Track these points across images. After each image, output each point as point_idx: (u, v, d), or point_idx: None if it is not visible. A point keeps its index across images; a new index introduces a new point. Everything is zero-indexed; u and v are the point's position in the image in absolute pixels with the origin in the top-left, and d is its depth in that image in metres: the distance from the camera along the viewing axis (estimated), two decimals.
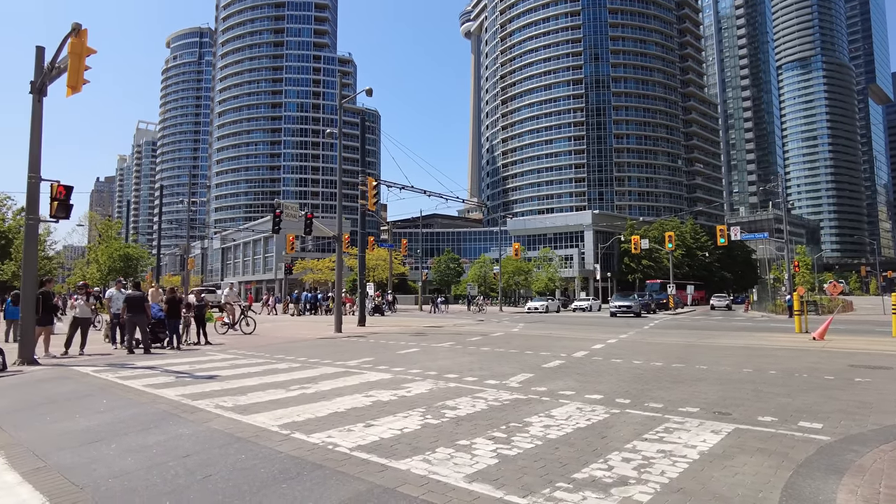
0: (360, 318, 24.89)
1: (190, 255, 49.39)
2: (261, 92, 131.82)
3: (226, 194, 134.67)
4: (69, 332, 14.00)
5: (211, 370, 10.66)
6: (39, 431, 6.30)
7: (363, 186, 24.73)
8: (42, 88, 12.76)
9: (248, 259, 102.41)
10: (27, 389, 9.15)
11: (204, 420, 6.46)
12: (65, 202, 12.86)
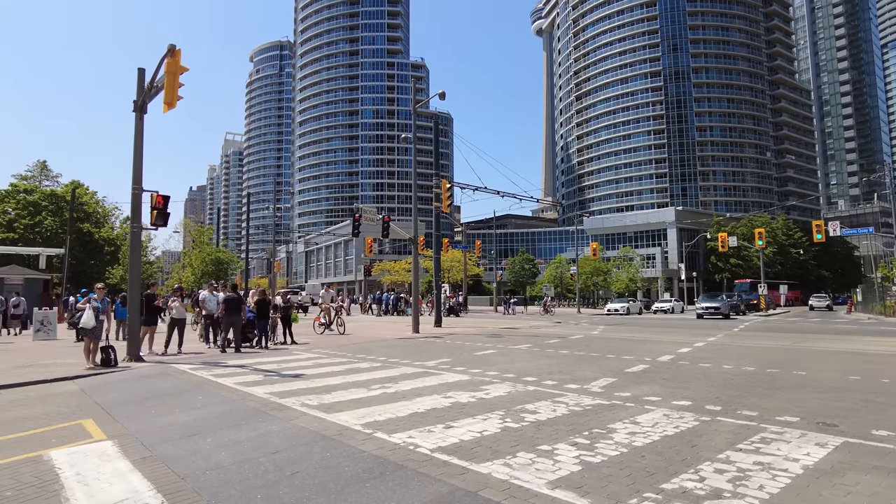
0: (437, 318, 25.14)
1: (276, 258, 51.88)
2: (338, 100, 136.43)
3: (308, 200, 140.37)
4: (168, 332, 15.03)
5: (296, 369, 11.10)
6: (146, 423, 6.80)
7: (437, 189, 25.00)
8: (143, 106, 13.80)
9: (330, 261, 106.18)
10: (134, 384, 9.91)
11: (291, 418, 6.72)
12: (163, 211, 13.85)
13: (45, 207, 50.96)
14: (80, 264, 48.12)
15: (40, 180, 56.15)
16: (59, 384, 10.16)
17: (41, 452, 5.59)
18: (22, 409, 8.04)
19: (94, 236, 52.08)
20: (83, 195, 52.91)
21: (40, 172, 57.02)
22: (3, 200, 51.30)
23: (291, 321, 17.90)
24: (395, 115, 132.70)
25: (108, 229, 55.23)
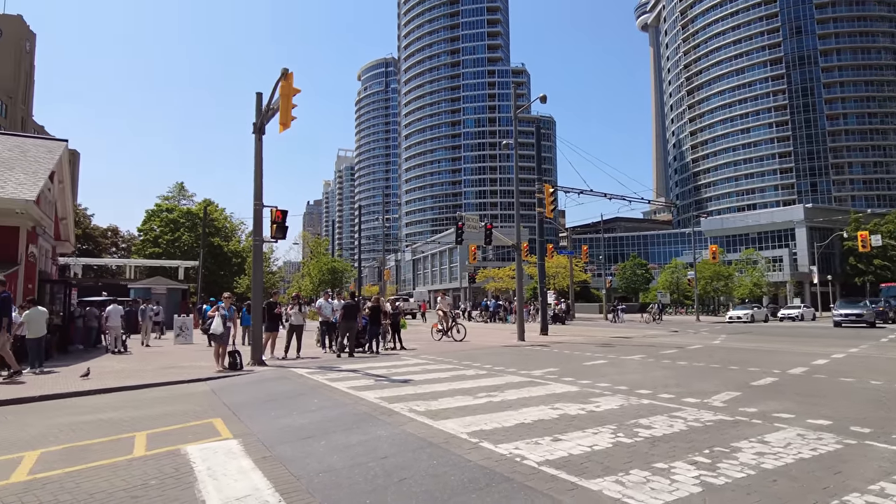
0: (543, 326, 24.70)
1: (385, 266, 53.83)
2: (441, 112, 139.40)
3: (414, 210, 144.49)
4: (287, 338, 16.02)
5: (405, 374, 11.36)
6: (266, 424, 7.25)
7: (540, 194, 24.62)
8: (262, 128, 14.88)
9: (436, 269, 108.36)
10: (257, 387, 10.64)
11: (399, 423, 6.86)
12: (282, 224, 14.83)
13: (183, 224, 56.67)
14: (212, 275, 52.85)
15: (179, 200, 62.51)
16: (194, 385, 11.16)
17: (179, 447, 6.13)
18: (165, 406, 8.91)
19: (223, 249, 57.04)
20: (214, 212, 58.15)
21: (179, 193, 63.50)
22: (150, 219, 57.81)
23: (400, 327, 18.41)
24: (496, 122, 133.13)
25: (236, 242, 60.20)
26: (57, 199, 21.72)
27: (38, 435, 7.05)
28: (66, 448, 6.28)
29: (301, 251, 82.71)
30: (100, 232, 64.04)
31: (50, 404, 9.32)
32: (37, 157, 18.57)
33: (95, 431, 7.17)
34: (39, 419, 8.07)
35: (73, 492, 4.76)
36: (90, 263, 51.67)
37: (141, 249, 57.07)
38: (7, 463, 5.72)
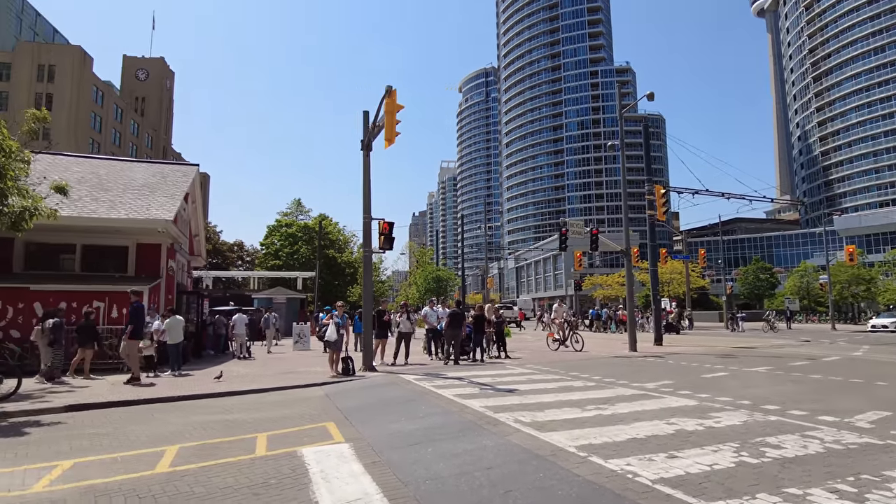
0: (657, 336, 23.46)
1: (489, 275, 53.98)
2: (542, 117, 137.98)
3: (516, 217, 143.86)
4: (396, 345, 16.49)
5: (510, 384, 11.25)
6: (376, 429, 7.48)
7: (650, 196, 23.50)
8: (369, 144, 15.52)
9: (540, 276, 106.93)
10: (368, 392, 11.03)
11: (505, 433, 6.78)
12: (389, 236, 15.34)
13: (301, 238, 60.47)
14: (327, 285, 55.80)
15: (296, 215, 66.80)
16: (310, 389, 11.79)
17: (296, 448, 6.48)
18: (283, 409, 9.49)
19: (337, 260, 60.10)
20: (328, 226, 61.48)
21: (296, 209, 67.87)
22: (271, 234, 62.31)
23: (504, 336, 18.31)
24: (600, 123, 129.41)
25: (348, 254, 63.20)
26: (190, 217, 24.02)
27: (177, 432, 7.77)
28: (200, 445, 6.86)
29: (408, 261, 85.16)
30: (227, 247, 69.98)
31: (186, 404, 10.26)
32: (174, 180, 20.69)
33: (223, 431, 7.79)
34: (178, 417, 8.90)
35: (206, 485, 5.18)
36: (219, 276, 56.55)
37: (263, 262, 61.62)
38: (153, 455, 6.36)
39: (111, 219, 16.42)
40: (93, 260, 17.41)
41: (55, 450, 6.86)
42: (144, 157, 73.27)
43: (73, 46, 68.41)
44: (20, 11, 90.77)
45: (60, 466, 5.98)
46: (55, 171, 18.18)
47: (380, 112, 14.54)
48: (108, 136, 70.23)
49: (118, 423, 8.54)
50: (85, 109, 65.39)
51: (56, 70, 63.95)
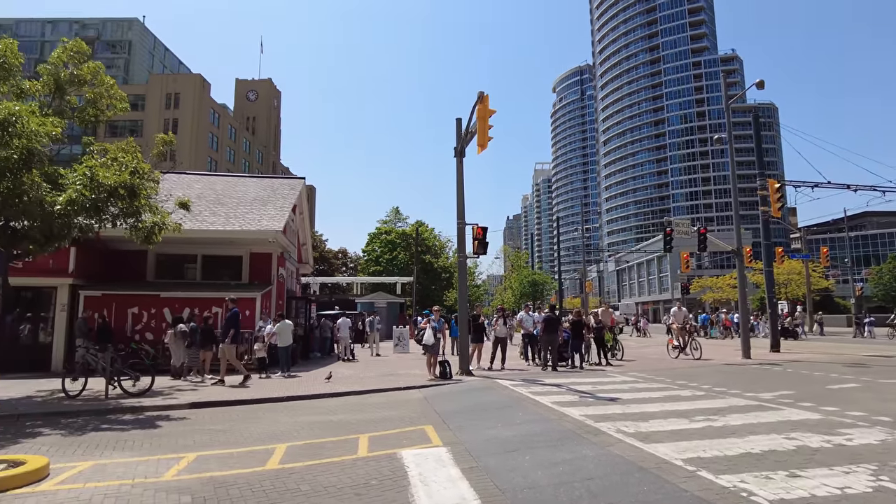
0: (773, 342, 21.65)
1: (587, 278, 52.57)
2: (641, 113, 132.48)
3: (616, 218, 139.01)
4: (492, 349, 16.46)
5: (611, 392, 10.85)
6: (473, 434, 7.48)
7: (763, 191, 21.79)
8: (462, 151, 15.67)
9: (643, 279, 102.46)
10: (465, 396, 11.08)
11: (606, 443, 6.54)
12: (482, 240, 15.37)
13: (399, 244, 62.28)
14: (425, 289, 56.94)
15: (395, 222, 68.89)
16: (409, 392, 12.05)
17: (396, 450, 6.64)
18: (384, 411, 9.77)
19: (433, 265, 61.24)
20: (424, 232, 62.83)
21: (395, 216, 70.01)
22: (372, 241, 64.73)
23: (605, 342, 17.72)
24: (705, 116, 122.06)
25: (444, 259, 64.20)
26: (298, 227, 25.47)
27: (286, 431, 8.23)
28: (306, 444, 7.22)
29: (502, 265, 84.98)
30: (332, 254, 73.51)
31: (294, 404, 10.85)
32: (282, 193, 22.05)
33: (328, 431, 8.14)
34: (287, 416, 9.43)
35: (311, 483, 5.44)
36: (325, 281, 59.49)
37: (365, 268, 64.09)
38: (264, 452, 6.78)
39: (227, 231, 17.80)
40: (212, 269, 18.97)
41: (181, 443, 7.51)
42: (256, 172, 78.94)
43: (195, 75, 75.13)
44: (152, 48, 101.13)
45: (186, 458, 6.53)
46: (179, 188, 20.01)
47: (472, 118, 14.64)
48: (223, 154, 76.35)
49: (234, 420, 9.20)
50: (204, 131, 71.52)
51: (181, 97, 70.53)
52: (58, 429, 8.52)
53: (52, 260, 15.40)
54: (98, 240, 14.92)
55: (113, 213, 10.98)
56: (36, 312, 16.55)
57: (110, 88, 12.29)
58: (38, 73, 12.01)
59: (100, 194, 10.23)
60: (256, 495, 5.11)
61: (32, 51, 79.59)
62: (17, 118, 9.37)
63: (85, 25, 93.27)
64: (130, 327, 16.38)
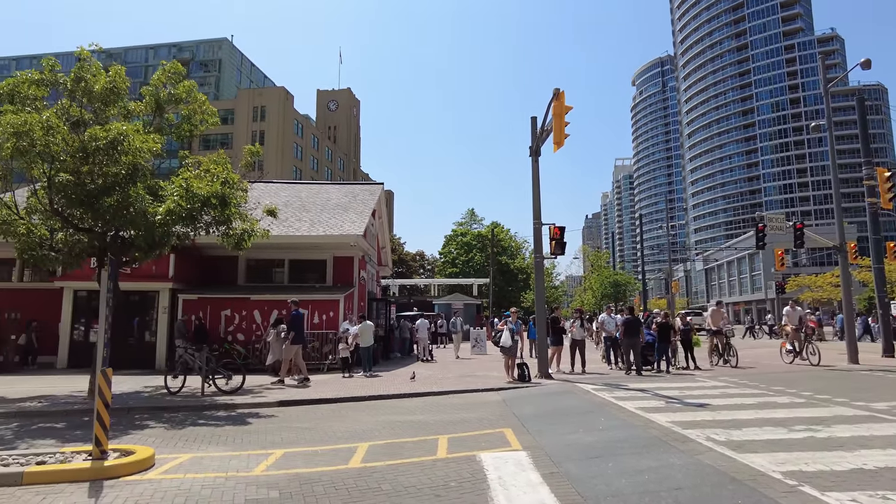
0: (885, 346, 19.75)
1: (673, 278, 50.29)
2: (728, 102, 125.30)
3: (703, 214, 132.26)
4: (570, 353, 16.09)
5: (700, 397, 10.31)
6: (553, 439, 7.34)
7: (870, 180, 19.99)
8: (537, 150, 15.46)
9: (734, 278, 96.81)
10: (544, 400, 10.90)
11: (695, 452, 6.20)
12: (560, 241, 15.09)
13: (475, 246, 62.42)
14: (501, 291, 56.68)
15: (470, 224, 69.12)
16: (487, 394, 12.01)
17: (475, 453, 6.62)
18: (462, 412, 9.79)
19: (510, 266, 60.84)
20: (500, 233, 62.57)
21: (470, 218, 70.26)
22: (448, 243, 65.30)
23: (693, 345, 16.88)
24: (799, 102, 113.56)
25: (520, 260, 63.64)
26: (378, 231, 26.12)
27: (368, 430, 8.43)
28: (387, 443, 7.36)
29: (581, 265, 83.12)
30: (410, 256, 74.77)
31: (375, 403, 11.10)
32: (363, 199, 22.70)
33: (407, 431, 8.26)
34: (368, 416, 9.66)
35: (392, 482, 5.53)
36: (404, 283, 60.55)
37: (441, 270, 64.71)
38: (347, 451, 6.98)
39: (311, 236, 18.54)
40: (298, 272, 19.83)
41: (269, 439, 7.87)
42: (338, 179, 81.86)
43: (279, 88, 78.95)
44: (240, 65, 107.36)
45: (274, 455, 6.84)
46: (266, 196, 21.05)
47: (548, 116, 14.42)
48: (307, 162, 79.68)
49: (318, 419, 9.54)
50: (289, 141, 74.97)
51: (266, 110, 74.37)
52: (161, 422, 9.18)
53: (155, 266, 16.67)
54: (194, 247, 16.01)
55: (206, 222, 11.73)
56: (141, 315, 17.96)
57: (203, 105, 13.13)
58: (141, 95, 13.03)
59: (195, 204, 10.95)
60: (340, 493, 5.25)
61: (137, 75, 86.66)
62: (125, 137, 10.22)
63: (181, 48, 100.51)
64: (223, 328, 17.41)
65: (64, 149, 10.32)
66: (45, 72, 11.45)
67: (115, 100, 11.93)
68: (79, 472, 5.82)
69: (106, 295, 6.82)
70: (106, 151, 10.11)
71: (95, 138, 10.09)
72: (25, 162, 10.40)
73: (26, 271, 18.78)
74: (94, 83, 11.47)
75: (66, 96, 11.61)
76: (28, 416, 9.75)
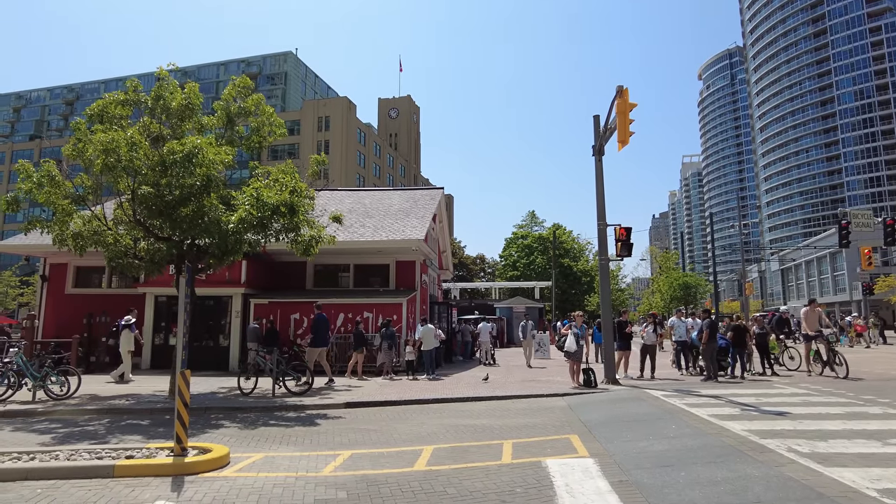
0: None
1: (747, 279, 47.90)
2: (804, 93, 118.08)
3: (778, 211, 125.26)
4: (640, 357, 15.59)
5: (779, 405, 9.74)
6: (621, 446, 7.12)
7: None
8: (601, 149, 15.10)
9: (813, 279, 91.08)
10: (611, 406, 10.60)
11: (775, 463, 5.86)
12: (626, 242, 14.67)
13: (536, 248, 61.73)
14: (564, 294, 55.79)
15: (531, 227, 68.46)
16: (551, 399, 11.81)
17: (540, 459, 6.53)
18: (526, 417, 9.67)
19: (572, 269, 59.79)
20: (562, 235, 61.63)
21: (531, 220, 69.60)
22: (509, 246, 64.93)
23: (770, 349, 15.99)
24: (887, 89, 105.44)
25: (584, 262, 62.43)
26: (438, 235, 26.30)
27: (432, 432, 8.47)
28: (451, 447, 7.36)
29: (649, 267, 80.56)
30: (470, 260, 74.85)
31: (438, 406, 11.15)
32: (423, 204, 22.93)
33: (471, 435, 8.24)
34: (431, 419, 9.71)
35: (457, 487, 5.52)
36: (464, 287, 60.68)
37: (502, 273, 64.34)
38: (412, 453, 7.04)
39: (374, 241, 18.89)
40: (362, 276, 20.25)
41: (337, 440, 8.06)
42: (399, 185, 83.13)
43: (342, 98, 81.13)
44: (304, 77, 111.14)
45: (341, 455, 6.99)
46: (332, 203, 21.64)
47: (611, 114, 14.08)
48: (370, 170, 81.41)
49: (383, 420, 9.68)
50: (352, 149, 76.86)
51: (330, 120, 76.57)
52: (235, 422, 9.59)
53: (228, 272, 17.45)
54: (264, 253, 16.66)
55: (276, 229, 12.17)
56: (216, 319, 18.83)
57: (271, 116, 13.67)
58: (213, 109, 13.71)
59: (265, 212, 11.39)
60: (406, 496, 5.30)
61: (209, 90, 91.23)
62: (199, 150, 10.79)
63: (249, 63, 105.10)
64: (293, 331, 17.99)
65: (145, 163, 11.01)
66: (129, 92, 12.26)
67: (190, 115, 12.62)
68: (162, 468, 6.16)
69: (184, 300, 7.20)
70: (182, 164, 10.69)
71: (173, 152, 10.70)
72: (113, 176, 11.18)
73: (113, 278, 20.11)
74: (171, 100, 12.18)
75: (146, 114, 12.39)
76: (117, 413, 10.43)
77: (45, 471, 6.07)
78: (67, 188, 11.80)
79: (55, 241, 11.88)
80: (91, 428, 9.12)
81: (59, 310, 19.65)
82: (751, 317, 24.39)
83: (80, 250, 11.82)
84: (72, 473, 6.06)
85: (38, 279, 20.83)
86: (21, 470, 6.07)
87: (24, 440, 8.16)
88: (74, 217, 11.90)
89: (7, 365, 11.90)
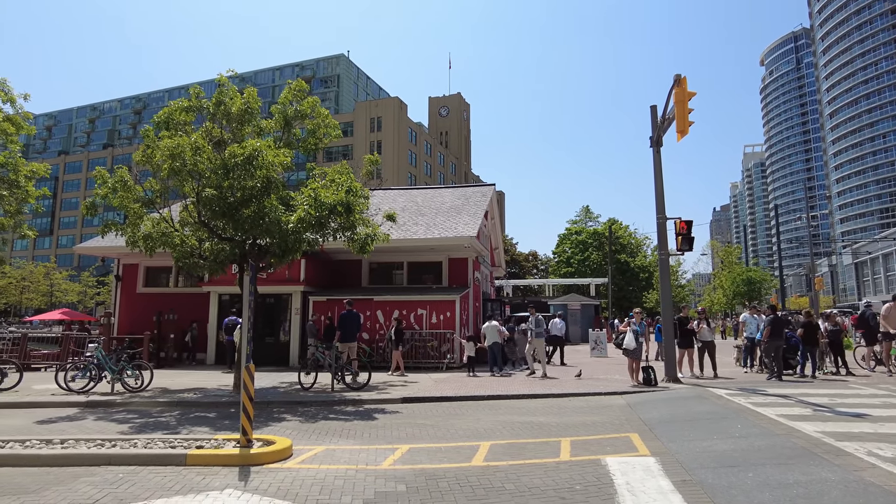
0: None
1: (816, 273, 45.45)
2: (880, 74, 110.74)
3: (851, 202, 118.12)
4: (699, 355, 15.06)
5: (856, 406, 9.20)
6: (684, 445, 6.91)
7: None
8: (658, 140, 14.66)
9: (892, 273, 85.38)
10: (672, 404, 10.30)
11: (853, 467, 5.54)
12: (687, 235, 14.18)
13: (591, 244, 60.64)
14: (621, 290, 54.53)
15: (585, 222, 67.23)
16: (610, 397, 11.58)
17: (599, 457, 6.42)
18: (584, 415, 9.52)
19: (629, 265, 58.36)
20: (618, 230, 60.24)
21: (585, 215, 68.34)
22: (562, 242, 64.04)
23: (843, 347, 15.12)
24: None
25: (642, 257, 60.81)
26: (490, 232, 26.23)
27: (489, 429, 8.47)
28: (509, 444, 7.34)
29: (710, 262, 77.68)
30: (523, 257, 74.28)
31: (495, 403, 11.13)
32: (475, 201, 22.92)
33: (528, 432, 8.19)
34: (488, 415, 9.71)
35: (515, 483, 5.51)
36: (517, 284, 60.29)
37: (556, 269, 63.56)
38: (469, 448, 7.06)
39: (428, 238, 19.04)
40: (416, 274, 20.47)
41: (395, 434, 8.18)
42: (450, 182, 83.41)
43: (393, 98, 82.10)
44: (356, 78, 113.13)
45: (399, 450, 7.09)
46: (385, 202, 21.94)
47: (669, 103, 13.66)
48: (421, 168, 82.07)
49: (440, 416, 9.75)
50: (404, 148, 77.70)
51: (382, 120, 77.69)
52: (296, 416, 9.89)
53: (288, 271, 18.00)
54: (322, 252, 17.09)
55: (333, 228, 12.46)
56: (276, 315, 19.46)
57: (326, 119, 13.99)
58: (271, 113, 14.16)
59: (322, 212, 11.68)
60: (464, 490, 5.33)
61: (266, 95, 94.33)
62: (259, 153, 11.17)
63: (303, 67, 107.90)
64: None
65: (208, 166, 11.48)
66: (192, 99, 12.82)
67: (249, 119, 13.07)
68: (230, 458, 6.44)
69: (248, 298, 7.48)
70: (243, 167, 11.10)
71: (234, 155, 11.12)
72: (179, 180, 11.75)
73: (180, 277, 21.10)
74: (231, 105, 12.66)
75: (209, 119, 12.93)
76: (187, 406, 10.96)
77: (126, 457, 6.48)
78: (138, 192, 12.46)
79: (128, 242, 12.56)
80: (163, 419, 9.62)
81: (131, 308, 20.81)
82: (820, 312, 23.09)
83: (150, 251, 12.46)
84: (149, 460, 6.44)
85: (113, 279, 22.11)
86: (105, 456, 6.51)
87: (106, 428, 8.70)
88: (145, 220, 12.56)
89: (88, 359, 12.72)
